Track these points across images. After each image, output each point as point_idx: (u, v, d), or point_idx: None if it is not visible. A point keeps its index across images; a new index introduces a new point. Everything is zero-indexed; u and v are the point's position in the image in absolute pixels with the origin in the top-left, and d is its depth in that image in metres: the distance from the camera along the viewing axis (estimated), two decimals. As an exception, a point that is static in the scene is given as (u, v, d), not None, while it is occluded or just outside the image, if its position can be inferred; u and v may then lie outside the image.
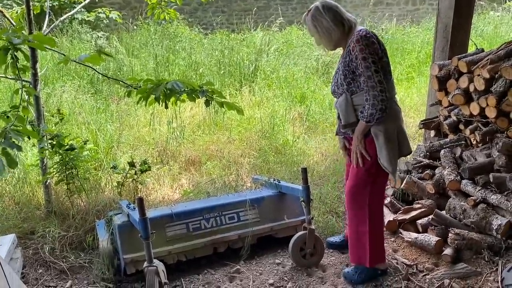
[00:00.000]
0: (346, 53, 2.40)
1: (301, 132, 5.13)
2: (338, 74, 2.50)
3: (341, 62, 2.46)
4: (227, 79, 6.43)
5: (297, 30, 10.67)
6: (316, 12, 2.43)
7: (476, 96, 3.36)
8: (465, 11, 3.83)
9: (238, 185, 3.77)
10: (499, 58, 3.00)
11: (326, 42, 2.47)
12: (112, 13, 5.96)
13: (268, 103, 5.88)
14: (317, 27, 2.43)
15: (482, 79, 3.19)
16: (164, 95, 2.75)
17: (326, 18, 2.40)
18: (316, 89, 6.50)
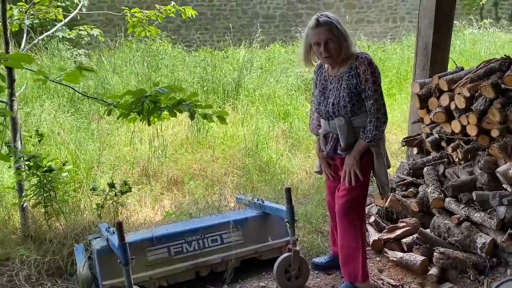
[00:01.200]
0: (351, 75, 2.45)
1: (284, 149, 5.11)
2: (339, 96, 2.49)
3: (342, 83, 2.48)
4: (210, 96, 6.41)
5: (279, 47, 10.75)
6: (337, 19, 2.47)
7: (457, 114, 3.38)
8: (444, 29, 3.89)
9: (222, 205, 3.72)
10: (478, 77, 3.04)
11: (342, 52, 2.44)
12: (93, 31, 5.92)
13: (252, 120, 5.86)
14: (344, 32, 2.44)
15: (463, 98, 3.22)
16: (147, 109, 2.68)
17: (346, 29, 2.47)
18: (299, 106, 6.51)
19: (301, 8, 12.71)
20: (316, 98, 2.66)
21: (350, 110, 2.46)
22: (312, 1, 12.75)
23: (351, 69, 2.46)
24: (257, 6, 12.34)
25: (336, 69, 2.55)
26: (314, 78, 2.77)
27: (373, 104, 2.44)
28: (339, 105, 2.48)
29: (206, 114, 2.81)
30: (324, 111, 2.59)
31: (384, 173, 2.62)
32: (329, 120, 2.60)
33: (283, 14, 12.57)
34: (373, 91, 2.42)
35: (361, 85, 2.42)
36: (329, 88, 2.57)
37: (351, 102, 2.44)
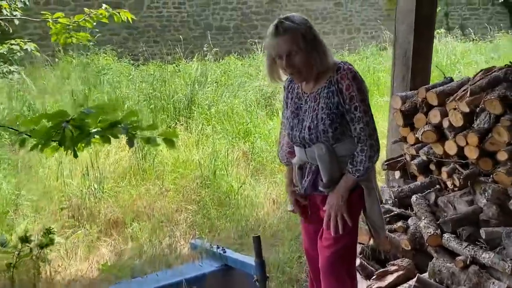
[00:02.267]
0: (332, 92, 1.92)
1: (247, 174, 4.46)
2: (316, 118, 1.94)
3: (320, 102, 1.95)
4: (159, 115, 5.66)
5: (235, 60, 10.15)
6: (310, 24, 1.95)
7: (451, 133, 2.86)
8: (426, 34, 3.40)
9: (173, 253, 2.99)
10: (481, 89, 2.52)
11: (314, 65, 1.92)
12: (27, 45, 5.26)
13: (208, 142, 5.17)
14: (315, 40, 1.92)
15: (460, 114, 2.69)
16: (71, 137, 1.99)
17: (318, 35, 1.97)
18: (260, 123, 5.88)
19: (255, 20, 12.21)
20: (287, 120, 2.08)
21: (332, 136, 1.92)
22: (266, 12, 12.29)
23: (331, 84, 1.92)
24: (209, 17, 11.72)
25: (311, 85, 2.01)
26: (284, 96, 2.18)
27: (363, 129, 1.91)
28: (317, 130, 1.93)
29: (149, 137, 2.22)
30: (298, 137, 2.01)
31: (378, 213, 2.08)
32: (305, 148, 2.03)
33: (237, 25, 12.01)
34: (362, 112, 1.89)
35: (345, 104, 1.90)
36: (303, 108, 2.02)
37: (332, 125, 1.91)
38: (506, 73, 2.54)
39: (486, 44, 11.30)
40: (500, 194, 2.54)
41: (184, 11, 11.45)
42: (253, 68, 9.03)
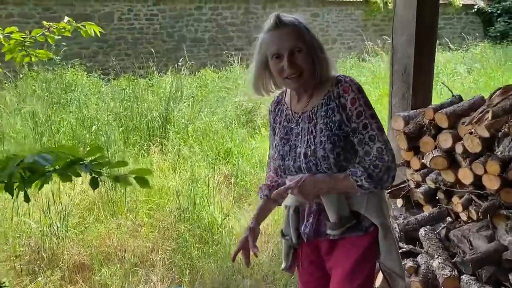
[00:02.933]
0: (332, 109, 1.58)
1: (230, 202, 4.03)
2: (314, 142, 1.58)
3: (318, 123, 1.60)
4: (131, 136, 5.19)
5: (211, 73, 9.75)
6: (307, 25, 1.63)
7: (466, 159, 2.51)
8: (427, 47, 3.07)
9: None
10: (504, 111, 2.18)
11: (317, 70, 1.60)
12: None
13: (186, 165, 4.73)
14: (319, 40, 1.63)
15: (478, 139, 2.35)
16: (21, 179, 1.58)
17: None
18: (241, 142, 5.48)
19: (231, 31, 11.87)
20: (276, 149, 1.70)
21: (334, 163, 1.55)
22: (242, 23, 11.97)
23: (330, 100, 1.59)
24: (183, 29, 11.31)
25: (304, 102, 1.66)
26: (269, 121, 1.82)
27: (382, 149, 1.53)
28: (315, 156, 1.57)
29: (118, 176, 1.81)
30: (293, 167, 1.64)
31: (396, 258, 1.69)
32: None
33: (213, 37, 11.64)
34: (376, 130, 1.54)
35: (350, 122, 1.55)
36: (295, 131, 1.66)
37: (334, 150, 1.55)
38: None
39: (463, 53, 11.25)
40: (531, 232, 2.20)
41: (157, 23, 11.01)
42: (230, 82, 8.65)
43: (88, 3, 10.44)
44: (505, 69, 8.52)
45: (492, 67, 8.70)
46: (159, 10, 11.05)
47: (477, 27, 15.32)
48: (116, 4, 10.64)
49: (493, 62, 9.14)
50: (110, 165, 2.16)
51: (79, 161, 1.91)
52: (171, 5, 11.11)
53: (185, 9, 11.25)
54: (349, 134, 1.55)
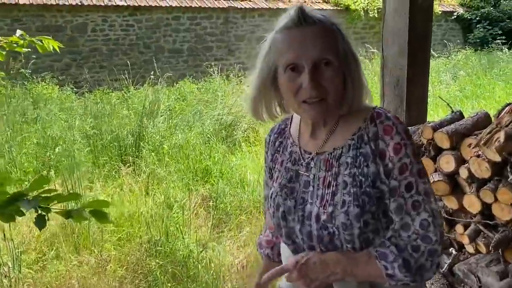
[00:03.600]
0: (365, 156, 1.09)
1: (209, 228, 3.67)
2: (333, 201, 1.09)
3: (341, 173, 1.11)
4: (101, 156, 4.79)
5: (190, 84, 9.39)
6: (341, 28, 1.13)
7: (471, 185, 2.22)
8: (421, 58, 2.78)
9: None
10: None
11: (348, 94, 1.10)
12: None
13: (160, 187, 4.35)
14: (351, 53, 1.11)
15: (487, 163, 2.05)
16: None
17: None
18: (221, 159, 5.12)
19: (210, 41, 11.54)
20: (274, 203, 1.21)
21: (358, 234, 1.07)
22: (222, 33, 11.66)
23: (362, 141, 1.10)
24: (161, 39, 10.93)
25: (321, 138, 1.17)
26: (265, 158, 1.34)
27: (429, 224, 1.06)
28: (333, 222, 1.09)
29: (70, 211, 1.58)
30: (299, 233, 1.15)
31: None
32: None
33: (191, 47, 11.29)
34: (423, 194, 1.07)
35: (390, 178, 1.07)
36: (304, 179, 1.18)
37: (362, 216, 1.06)
38: (550, 110, 1.94)
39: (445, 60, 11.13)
40: (553, 272, 1.90)
41: (133, 33, 10.62)
42: (210, 93, 8.30)
43: (60, 14, 10.01)
44: (490, 77, 8.38)
45: (478, 75, 8.55)
46: (135, 20, 10.67)
47: (457, 33, 15.32)
48: (90, 14, 10.23)
49: (478, 69, 8.99)
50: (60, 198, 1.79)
51: (22, 196, 1.58)
52: (148, 15, 10.75)
53: (162, 19, 10.90)
54: (385, 195, 1.08)
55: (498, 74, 8.75)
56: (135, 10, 10.59)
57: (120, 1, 10.46)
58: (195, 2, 11.21)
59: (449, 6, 15.33)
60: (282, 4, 12.04)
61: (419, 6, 2.68)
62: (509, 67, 9.12)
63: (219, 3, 11.43)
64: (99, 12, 10.30)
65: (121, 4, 10.34)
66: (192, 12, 11.14)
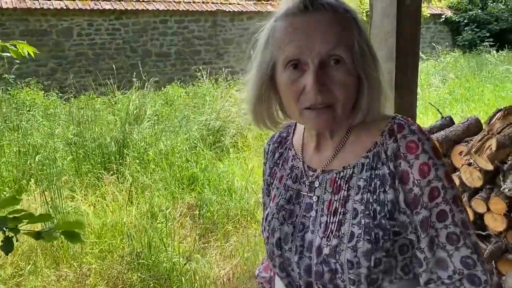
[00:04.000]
0: (382, 179, 0.89)
1: (194, 239, 3.55)
2: (339, 231, 0.90)
3: (351, 199, 0.92)
4: (84, 164, 4.65)
5: (178, 88, 9.27)
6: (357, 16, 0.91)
7: (463, 194, 2.13)
8: (410, 62, 2.69)
9: None
10: (511, 140, 1.81)
11: (363, 101, 0.90)
12: None
13: (144, 196, 4.22)
14: (368, 47, 0.90)
15: (478, 171, 1.97)
16: None
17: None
18: (208, 166, 5.01)
19: (198, 45, 11.44)
20: (269, 226, 1.01)
21: (366, 275, 0.87)
22: (210, 37, 11.56)
23: (379, 160, 0.91)
24: (148, 43, 10.81)
25: (327, 153, 0.98)
26: (264, 171, 1.15)
27: (473, 261, 0.86)
28: (336, 258, 0.89)
29: (40, 232, 1.56)
30: (296, 266, 0.96)
31: None
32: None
33: (179, 51, 11.18)
34: (461, 225, 0.87)
35: (414, 207, 0.87)
36: (306, 201, 0.99)
37: (373, 254, 0.86)
38: (544, 117, 1.87)
39: (434, 63, 11.14)
40: (549, 286, 1.82)
41: (119, 37, 10.49)
42: (198, 97, 8.19)
43: (44, 18, 9.84)
44: (479, 79, 8.37)
45: (467, 77, 8.54)
46: (121, 24, 10.54)
47: (446, 36, 15.39)
48: (75, 18, 10.07)
49: (467, 71, 8.99)
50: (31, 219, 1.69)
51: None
52: (135, 18, 10.62)
53: (149, 23, 10.78)
54: (406, 229, 0.87)
55: (487, 76, 8.75)
56: (122, 14, 10.45)
57: (106, 5, 10.33)
58: (183, 5, 11.10)
59: (437, 8, 15.40)
60: (271, 7, 11.98)
61: (407, 9, 2.59)
62: (498, 70, 9.13)
63: (207, 6, 11.34)
64: (84, 16, 10.15)
65: (107, 8, 10.20)
66: (179, 15, 11.04)
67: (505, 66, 9.19)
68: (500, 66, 9.43)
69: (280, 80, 0.90)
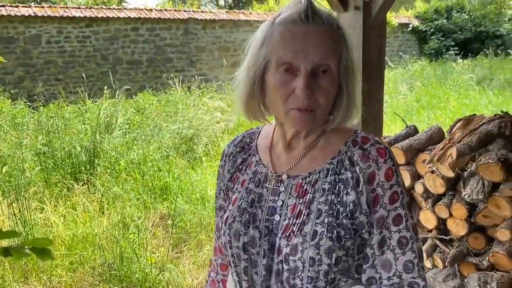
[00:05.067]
0: (345, 183, 0.96)
1: (166, 249, 3.54)
2: (301, 233, 0.95)
3: (316, 200, 0.97)
4: (53, 175, 4.57)
5: (150, 96, 9.20)
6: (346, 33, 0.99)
7: (427, 200, 2.22)
8: (376, 73, 2.79)
9: None
10: (471, 148, 1.91)
11: (338, 110, 0.98)
12: None
13: (116, 206, 4.18)
14: (352, 62, 0.98)
15: (441, 179, 2.06)
16: None
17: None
18: (181, 175, 5.00)
19: (170, 52, 11.40)
20: (229, 229, 1.03)
21: (325, 273, 0.93)
22: (182, 45, 11.54)
23: (342, 166, 0.98)
24: (119, 51, 10.70)
25: (294, 157, 1.03)
26: (219, 176, 1.17)
27: (414, 265, 0.94)
28: (299, 256, 0.94)
29: (8, 248, 1.39)
30: (261, 268, 1.00)
31: None
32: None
33: (151, 59, 11.11)
34: (411, 230, 0.95)
35: (374, 207, 0.94)
36: (269, 205, 1.02)
37: (334, 251, 0.92)
38: (500, 126, 1.96)
39: (402, 71, 11.45)
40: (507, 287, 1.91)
41: (90, 45, 10.35)
42: (170, 106, 8.16)
43: (12, 25, 9.62)
44: (445, 87, 8.65)
45: (433, 85, 8.81)
46: (92, 32, 10.40)
47: (413, 44, 15.83)
48: (44, 25, 9.89)
49: (433, 79, 9.28)
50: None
51: None
52: (105, 26, 10.51)
53: (120, 30, 10.68)
54: (363, 227, 0.94)
55: (452, 84, 9.05)
56: (92, 22, 10.33)
57: (76, 12, 10.19)
58: (154, 13, 11.06)
59: (405, 18, 15.84)
60: (243, 15, 12.08)
61: (373, 22, 2.69)
62: (462, 78, 9.47)
63: (178, 14, 11.33)
64: (54, 23, 9.98)
65: (77, 16, 10.06)
66: (151, 23, 10.99)
67: (469, 75, 9.53)
68: (464, 75, 9.78)
69: (270, 80, 0.95)
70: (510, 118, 2.02)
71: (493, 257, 1.99)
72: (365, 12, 2.60)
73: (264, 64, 0.96)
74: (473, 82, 9.15)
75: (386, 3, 2.57)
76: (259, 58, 0.96)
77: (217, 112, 7.69)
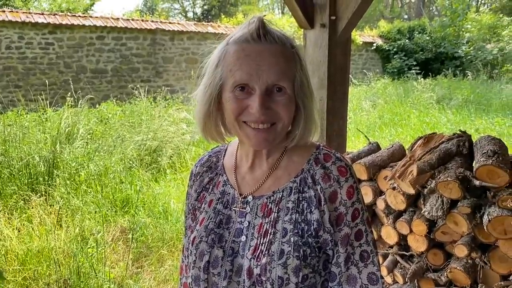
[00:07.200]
0: (308, 201, 0.97)
1: (126, 264, 3.43)
2: (269, 253, 0.95)
3: (281, 219, 0.98)
4: (9, 186, 4.37)
5: (113, 106, 9.02)
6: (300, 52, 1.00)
7: (389, 216, 2.25)
8: (340, 90, 2.84)
9: None
10: (431, 166, 1.95)
11: (297, 128, 0.99)
12: None
13: (74, 219, 4.04)
14: (307, 81, 0.99)
15: (402, 195, 2.10)
16: None
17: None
18: (143, 187, 4.90)
19: (137, 62, 11.26)
20: (195, 251, 1.02)
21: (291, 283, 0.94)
22: (149, 55, 11.43)
23: (305, 185, 0.99)
24: (83, 59, 10.47)
25: (263, 170, 1.04)
26: (188, 195, 1.16)
27: (377, 278, 0.97)
28: (267, 276, 0.93)
29: None
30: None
31: None
32: None
33: (116, 68, 10.93)
34: (372, 244, 0.99)
35: (337, 225, 0.96)
36: (236, 226, 1.02)
37: (301, 270, 0.93)
38: (458, 145, 2.02)
39: (366, 88, 11.73)
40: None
41: (53, 52, 10.08)
42: (135, 117, 8.01)
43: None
44: (406, 105, 8.92)
45: (394, 103, 9.07)
46: (55, 39, 10.14)
47: (376, 63, 16.31)
48: (4, 30, 9.56)
49: (395, 97, 9.55)
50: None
51: None
52: (70, 33, 10.27)
53: (85, 38, 10.47)
54: (327, 245, 0.95)
55: (413, 102, 9.35)
56: (56, 28, 10.08)
57: (39, 18, 9.91)
58: (121, 22, 10.92)
59: (369, 37, 16.31)
60: (211, 28, 12.10)
61: (338, 39, 2.75)
62: (423, 96, 9.79)
63: (146, 24, 11.23)
64: (15, 28, 9.67)
65: (40, 22, 9.79)
66: (117, 32, 10.83)
67: (429, 94, 9.88)
68: (425, 93, 10.12)
69: (225, 98, 0.96)
70: (467, 137, 2.10)
71: (451, 273, 2.03)
72: (331, 30, 2.65)
73: (220, 84, 0.97)
74: (433, 100, 9.48)
75: (351, 22, 2.62)
76: (215, 78, 0.97)
77: (183, 124, 7.61)
